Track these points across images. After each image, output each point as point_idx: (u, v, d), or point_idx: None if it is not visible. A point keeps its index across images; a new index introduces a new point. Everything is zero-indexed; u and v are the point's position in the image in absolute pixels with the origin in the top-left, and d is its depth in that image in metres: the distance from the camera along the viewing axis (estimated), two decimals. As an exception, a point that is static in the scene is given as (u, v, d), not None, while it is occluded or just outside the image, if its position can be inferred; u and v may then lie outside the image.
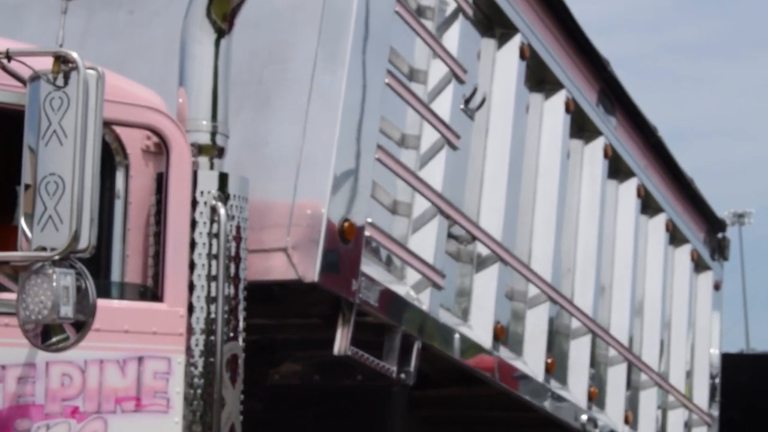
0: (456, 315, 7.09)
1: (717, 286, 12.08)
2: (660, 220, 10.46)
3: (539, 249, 8.10)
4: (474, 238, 7.22)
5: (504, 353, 7.51)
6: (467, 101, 7.24)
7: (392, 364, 6.15)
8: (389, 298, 6.16)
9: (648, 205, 10.24)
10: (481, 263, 7.31)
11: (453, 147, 6.77)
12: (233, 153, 5.37)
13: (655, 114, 10.14)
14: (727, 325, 12.46)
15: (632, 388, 9.77)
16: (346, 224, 5.64)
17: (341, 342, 5.80)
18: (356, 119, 5.82)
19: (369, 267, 5.97)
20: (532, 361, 7.90)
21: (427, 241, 6.55)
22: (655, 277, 10.34)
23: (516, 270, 7.65)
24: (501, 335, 7.35)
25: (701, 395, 11.57)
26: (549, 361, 8.05)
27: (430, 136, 6.69)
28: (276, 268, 5.51)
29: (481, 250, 7.31)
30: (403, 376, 6.23)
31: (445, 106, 6.79)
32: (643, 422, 9.89)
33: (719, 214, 12.24)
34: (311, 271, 5.48)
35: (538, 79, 8.25)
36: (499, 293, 7.38)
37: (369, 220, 5.93)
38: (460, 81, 6.94)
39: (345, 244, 5.66)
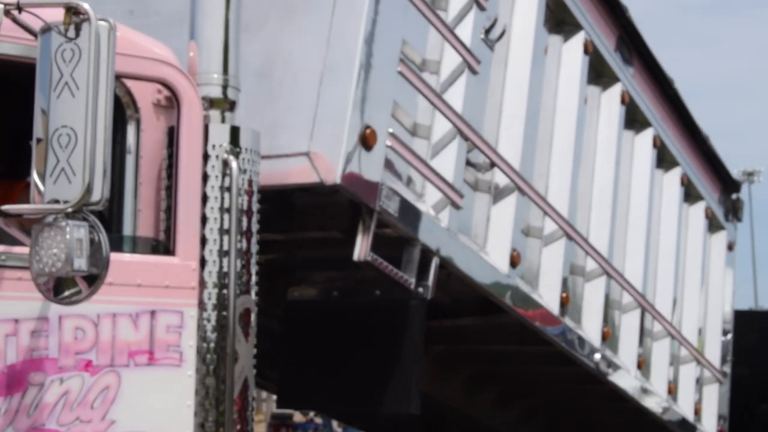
0: (474, 241, 7.10)
1: (730, 247, 12.00)
2: (675, 174, 10.41)
3: (556, 186, 8.09)
4: (492, 165, 7.23)
5: (520, 283, 7.54)
6: (487, 32, 7.24)
7: (411, 276, 6.21)
8: (409, 210, 6.21)
9: (663, 158, 10.18)
10: (498, 193, 7.33)
11: (473, 71, 6.80)
12: (257, 64, 5.48)
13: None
14: (735, 284, 12.43)
15: (645, 337, 9.75)
16: (367, 131, 5.71)
17: (361, 248, 5.85)
18: (380, 31, 5.86)
19: (389, 182, 6.02)
20: (547, 295, 7.92)
21: (446, 164, 6.60)
22: (670, 231, 10.30)
23: (533, 201, 7.66)
24: (517, 262, 7.38)
25: (713, 352, 11.54)
26: (564, 295, 8.07)
27: (450, 62, 6.73)
28: (297, 172, 5.58)
29: (499, 180, 7.33)
30: (420, 289, 6.28)
31: (465, 33, 6.82)
32: (654, 372, 9.88)
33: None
34: (333, 174, 5.54)
35: (558, 20, 8.23)
36: (516, 223, 7.41)
37: (390, 130, 5.97)
38: (481, 7, 6.95)
39: (366, 151, 5.72)
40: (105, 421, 4.48)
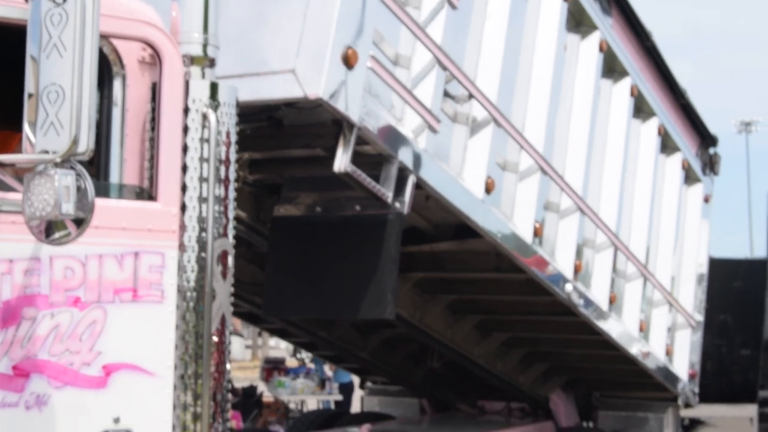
0: (450, 169, 7.40)
1: (707, 199, 12.09)
2: (652, 124, 10.53)
3: (532, 125, 8.28)
4: (470, 97, 7.49)
5: (495, 211, 7.81)
6: None
7: (388, 191, 6.56)
8: (388, 129, 6.55)
9: (641, 109, 10.32)
10: (476, 126, 7.59)
11: (452, 6, 7.11)
12: None
13: (663, 21, 10.15)
14: (729, 232, 12.62)
15: (618, 278, 9.94)
16: (349, 51, 6.08)
17: (341, 160, 6.23)
18: None
19: (370, 104, 6.36)
20: (521, 224, 8.17)
21: (425, 91, 6.90)
22: (645, 179, 10.45)
23: (509, 134, 7.89)
24: (491, 188, 7.65)
25: (686, 299, 11.68)
26: (537, 225, 8.32)
27: None
28: (282, 87, 5.96)
29: (476, 113, 7.59)
30: (397, 204, 6.64)
31: None
32: (626, 310, 10.07)
33: (726, 122, 12.37)
34: (316, 88, 5.91)
35: None
36: (492, 154, 7.65)
37: (371, 53, 6.31)
38: None
39: (348, 69, 6.08)
40: (92, 351, 4.87)
